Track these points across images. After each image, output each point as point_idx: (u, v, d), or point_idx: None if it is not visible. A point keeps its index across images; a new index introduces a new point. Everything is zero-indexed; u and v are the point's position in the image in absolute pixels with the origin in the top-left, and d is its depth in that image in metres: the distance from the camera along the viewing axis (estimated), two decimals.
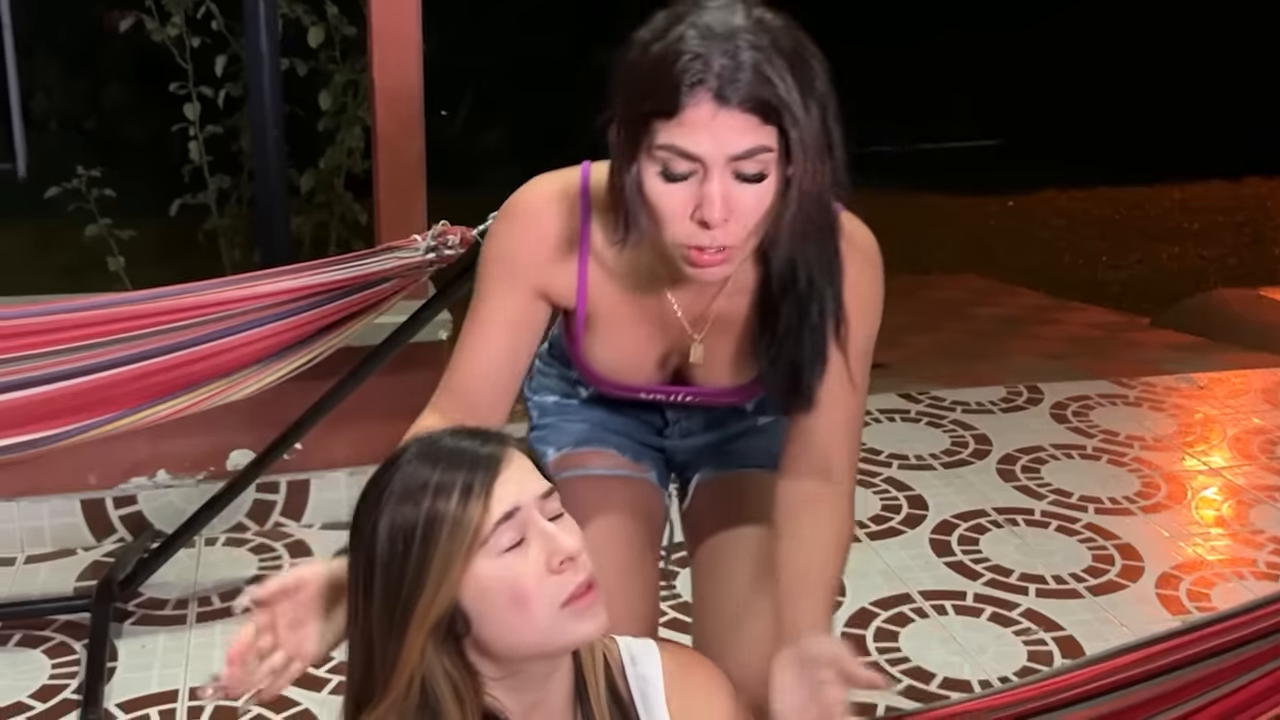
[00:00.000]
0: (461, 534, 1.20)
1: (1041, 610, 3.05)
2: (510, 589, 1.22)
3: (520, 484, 1.23)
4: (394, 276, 2.56)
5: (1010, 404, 4.44)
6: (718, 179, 1.35)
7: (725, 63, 1.31)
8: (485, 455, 1.23)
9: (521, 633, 1.24)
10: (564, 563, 1.23)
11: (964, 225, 8.21)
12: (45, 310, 2.55)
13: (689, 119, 1.33)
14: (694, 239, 1.39)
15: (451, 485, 1.20)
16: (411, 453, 1.27)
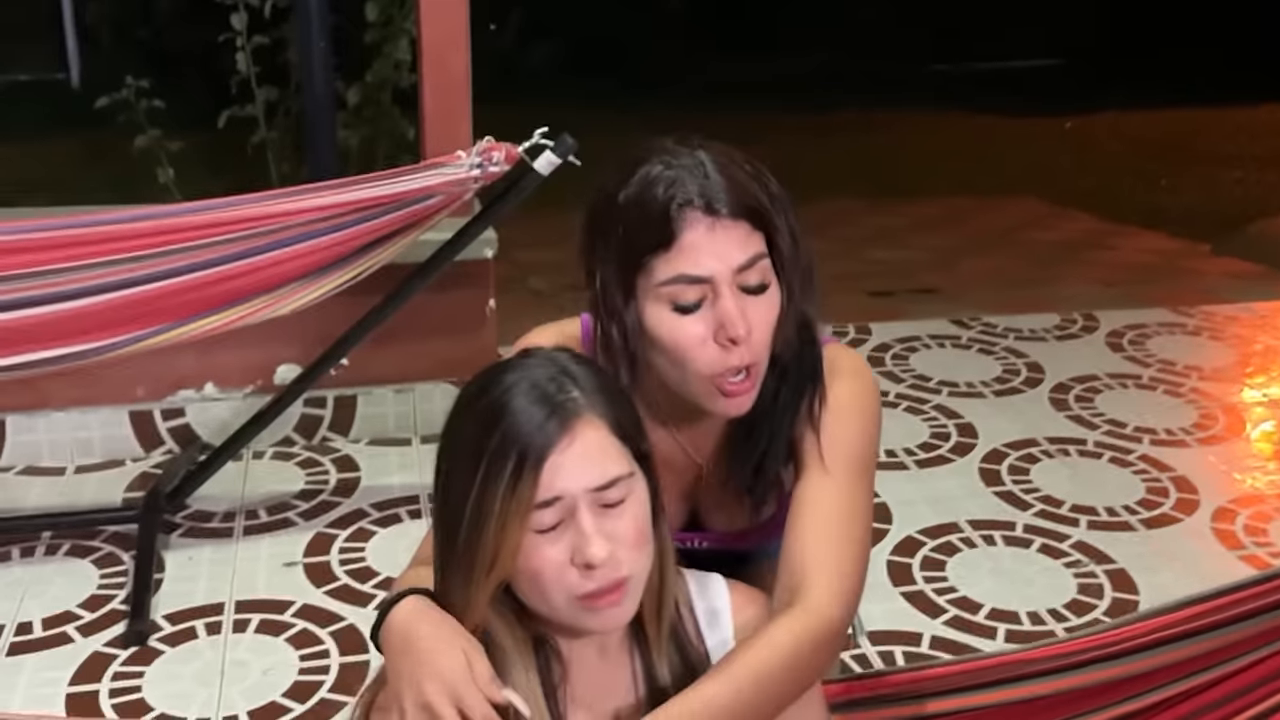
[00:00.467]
0: (511, 507, 1.17)
1: (1092, 543, 3.01)
2: (531, 570, 1.19)
3: (574, 470, 1.17)
4: (438, 193, 2.53)
5: (1064, 332, 4.36)
6: (728, 295, 1.33)
7: (701, 181, 1.32)
8: (548, 429, 1.17)
9: (539, 607, 1.23)
10: (585, 566, 1.18)
11: (1021, 147, 8.03)
12: (87, 222, 2.55)
13: (688, 242, 1.32)
14: (722, 364, 1.35)
15: (507, 454, 1.16)
16: (499, 387, 1.20)
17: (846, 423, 1.43)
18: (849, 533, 1.38)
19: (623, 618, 1.23)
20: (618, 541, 1.19)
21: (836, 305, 4.59)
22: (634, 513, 1.21)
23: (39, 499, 3.18)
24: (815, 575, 1.33)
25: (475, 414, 1.20)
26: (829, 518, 1.37)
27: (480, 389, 1.22)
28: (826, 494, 1.39)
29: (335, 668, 2.53)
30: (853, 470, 1.41)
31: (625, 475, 1.20)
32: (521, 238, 4.68)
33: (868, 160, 7.40)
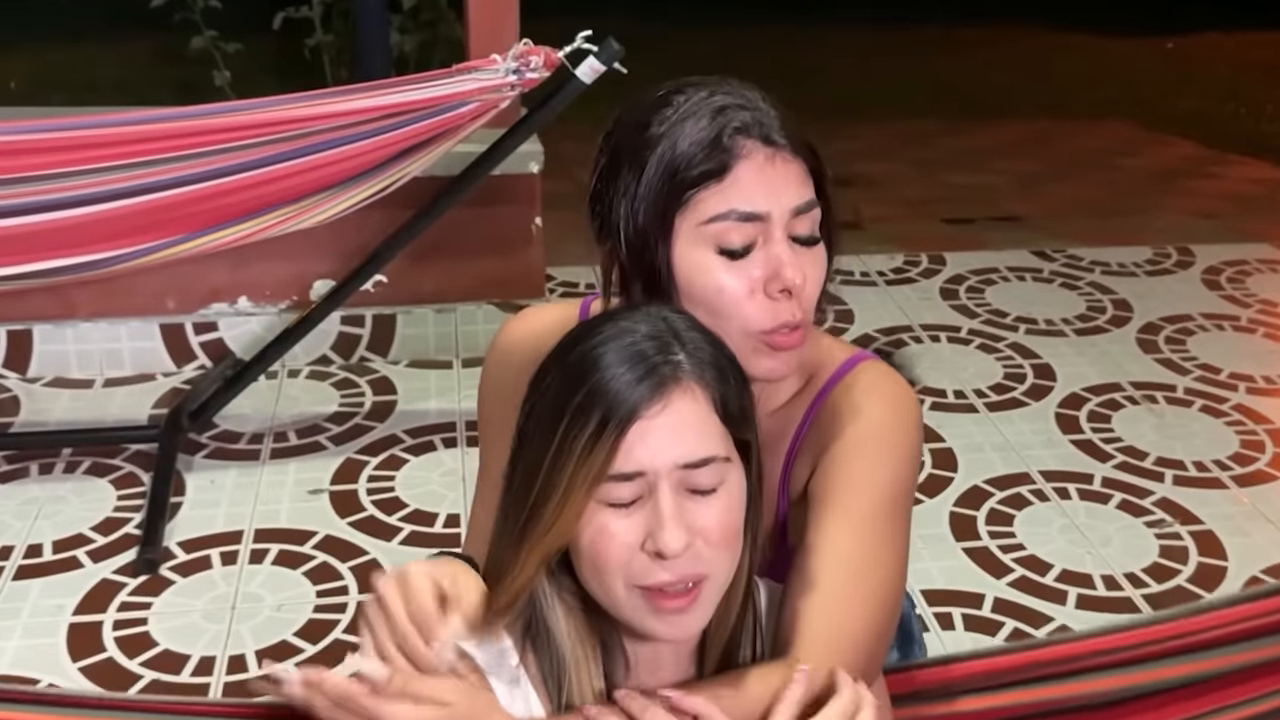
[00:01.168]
0: (582, 474, 0.99)
1: (1178, 500, 2.76)
2: (596, 548, 1.02)
3: (661, 444, 1.00)
4: (472, 100, 2.33)
5: (1156, 267, 4.06)
6: (782, 240, 1.15)
7: (756, 110, 1.16)
8: (637, 391, 0.99)
9: (598, 594, 1.05)
10: (657, 554, 1.00)
11: (1115, 68, 7.60)
12: (103, 123, 2.40)
13: (743, 173, 1.13)
14: (773, 317, 1.15)
15: (589, 414, 0.99)
16: (594, 338, 1.03)
17: (873, 459, 1.18)
18: (861, 590, 1.12)
19: (691, 627, 1.05)
20: (700, 534, 1.01)
21: (910, 232, 4.34)
22: (726, 505, 1.03)
23: (64, 413, 3.06)
24: (811, 642, 1.09)
25: (564, 366, 1.03)
26: (839, 570, 1.12)
27: (574, 338, 1.05)
28: (841, 542, 1.14)
29: (353, 605, 2.39)
30: (876, 515, 1.16)
31: (721, 458, 1.02)
32: (584, 152, 4.42)
33: (950, 80, 7.04)
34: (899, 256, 4.08)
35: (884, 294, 3.82)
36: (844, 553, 1.13)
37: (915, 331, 3.57)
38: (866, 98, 6.39)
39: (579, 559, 1.04)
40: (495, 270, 3.28)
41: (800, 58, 6.62)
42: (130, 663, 2.23)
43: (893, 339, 3.34)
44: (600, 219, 1.20)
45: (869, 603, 1.12)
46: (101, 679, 2.19)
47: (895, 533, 1.17)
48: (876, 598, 1.13)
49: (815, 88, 6.02)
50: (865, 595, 1.13)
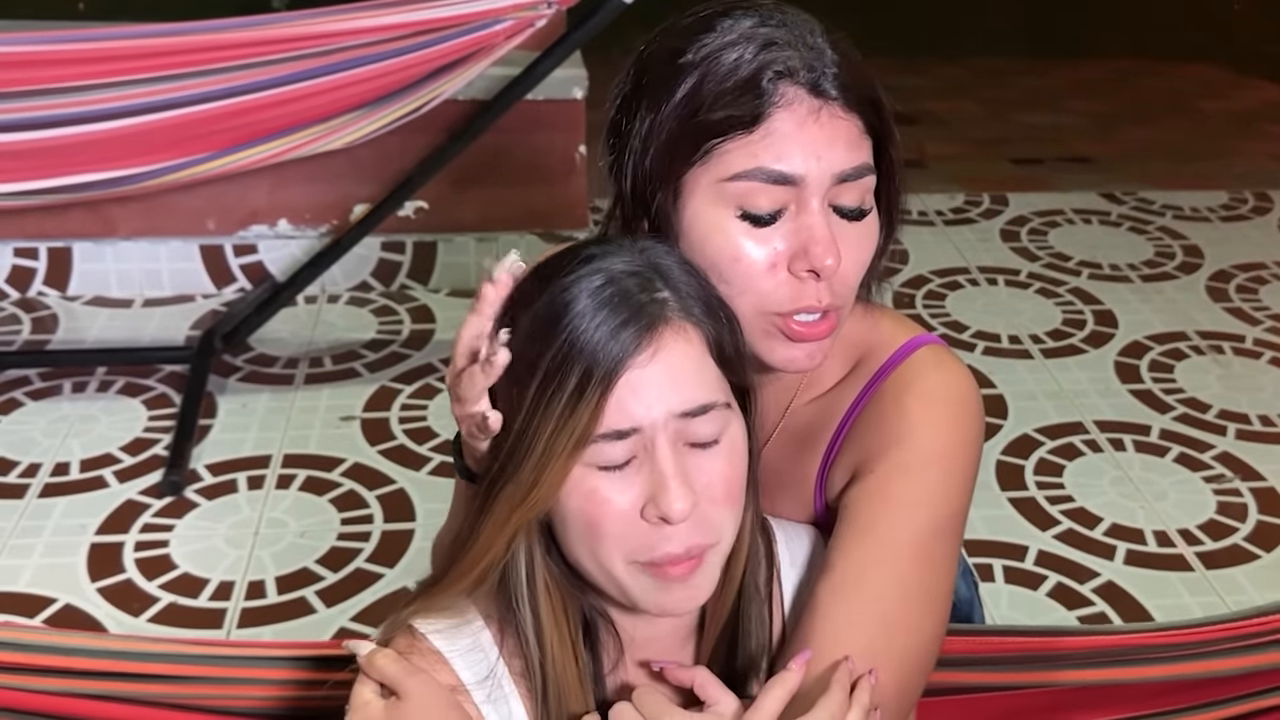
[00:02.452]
0: (564, 436, 0.88)
1: (1240, 455, 2.63)
2: (588, 518, 0.90)
3: (655, 390, 0.88)
4: (506, 17, 2.25)
5: (1232, 212, 3.88)
6: (819, 210, 0.97)
7: (808, 52, 0.96)
8: (622, 338, 0.88)
9: (588, 564, 0.93)
10: (659, 518, 0.89)
11: (1201, 6, 7.31)
12: (128, 34, 2.34)
13: (779, 126, 0.95)
14: (793, 298, 0.98)
15: (569, 367, 0.87)
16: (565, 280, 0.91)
17: (923, 481, 1.02)
18: (892, 647, 0.98)
19: (696, 599, 0.94)
20: (704, 492, 0.90)
21: (975, 172, 4.18)
22: (727, 458, 0.92)
23: (101, 332, 3.04)
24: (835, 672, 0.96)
25: (534, 313, 0.91)
26: (870, 622, 0.98)
27: (542, 276, 0.92)
28: (874, 584, 0.99)
29: (377, 535, 2.35)
30: (922, 538, 1.01)
31: (721, 404, 0.91)
32: None
33: (1029, 15, 6.81)
34: (959, 196, 3.93)
35: (941, 234, 3.68)
36: (877, 595, 0.98)
37: (972, 273, 3.45)
38: (940, 33, 6.18)
39: (566, 530, 0.92)
40: (538, 200, 3.20)
41: None
42: (149, 585, 2.21)
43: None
44: (615, 154, 1.04)
45: (900, 658, 0.98)
46: (119, 600, 2.17)
47: (940, 567, 1.02)
48: (909, 652, 0.99)
49: (884, 20, 5.85)
50: (897, 649, 0.98)
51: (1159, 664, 1.18)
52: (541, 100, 2.92)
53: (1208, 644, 1.17)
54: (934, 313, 3.20)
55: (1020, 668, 1.20)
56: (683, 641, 1.03)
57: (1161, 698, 1.22)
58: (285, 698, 1.13)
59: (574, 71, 2.99)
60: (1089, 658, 1.19)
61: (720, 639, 1.02)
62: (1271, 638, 1.19)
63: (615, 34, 2.57)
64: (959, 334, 3.10)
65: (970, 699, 1.18)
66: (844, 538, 1.02)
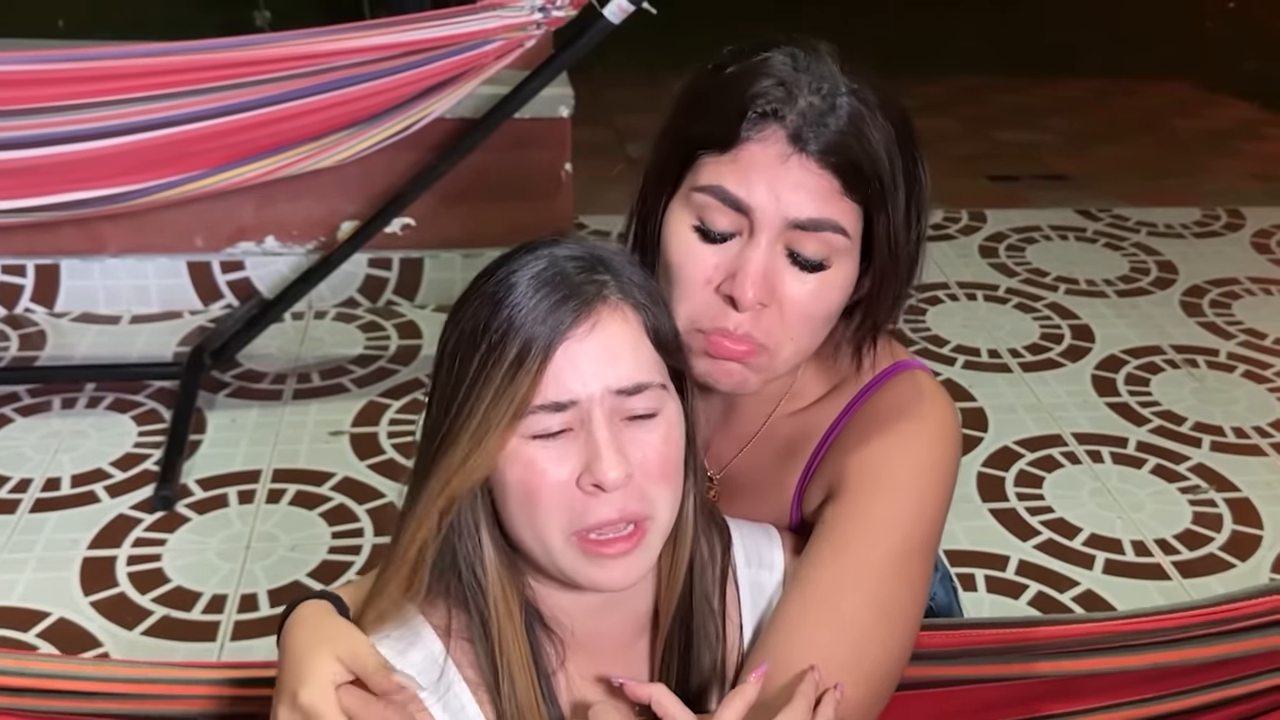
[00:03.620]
0: (503, 405, 0.91)
1: (1215, 467, 2.69)
2: (525, 487, 0.93)
3: (591, 368, 0.91)
4: (496, 38, 2.28)
5: (1205, 228, 3.95)
6: (765, 246, 1.00)
7: (814, 101, 0.99)
8: (561, 313, 0.91)
9: (527, 537, 0.95)
10: (594, 486, 0.92)
11: (1174, 25, 7.40)
12: (123, 54, 2.37)
13: (746, 156, 0.99)
14: (714, 318, 1.02)
15: (510, 339, 0.91)
16: (513, 264, 0.96)
17: (897, 502, 1.05)
18: (861, 667, 1.00)
19: (633, 572, 0.95)
20: (639, 467, 0.93)
21: (953, 189, 4.23)
22: (664, 434, 0.94)
23: (89, 348, 3.06)
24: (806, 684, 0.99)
25: (481, 294, 0.95)
26: (840, 643, 1.00)
27: (494, 265, 0.97)
28: (846, 606, 1.01)
29: (367, 548, 2.38)
30: (895, 558, 1.03)
31: (657, 384, 0.94)
32: (628, 100, 4.38)
33: (1006, 36, 6.89)
34: (939, 213, 3.99)
35: None
36: (849, 613, 1.01)
37: (951, 289, 3.50)
38: (920, 53, 6.25)
39: (506, 502, 0.94)
40: (523, 216, 3.24)
41: (852, 9, 6.51)
42: (142, 598, 2.23)
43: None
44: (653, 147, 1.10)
45: (869, 675, 1.01)
46: (112, 614, 2.19)
47: (911, 587, 1.04)
48: (878, 668, 1.02)
49: (866, 41, 5.90)
50: (866, 666, 1.01)
51: (1133, 653, 1.23)
52: (528, 119, 2.96)
53: (1179, 630, 1.21)
54: (914, 327, 3.25)
55: (993, 659, 1.23)
56: (632, 639, 1.04)
57: (1136, 686, 1.26)
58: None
59: (561, 90, 3.03)
60: (1063, 648, 1.22)
61: (673, 636, 1.03)
62: (1242, 624, 1.23)
63: (599, 54, 2.62)
64: (939, 348, 3.14)
65: (944, 692, 1.22)
66: (818, 554, 1.05)
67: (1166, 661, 1.25)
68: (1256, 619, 1.24)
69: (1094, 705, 1.28)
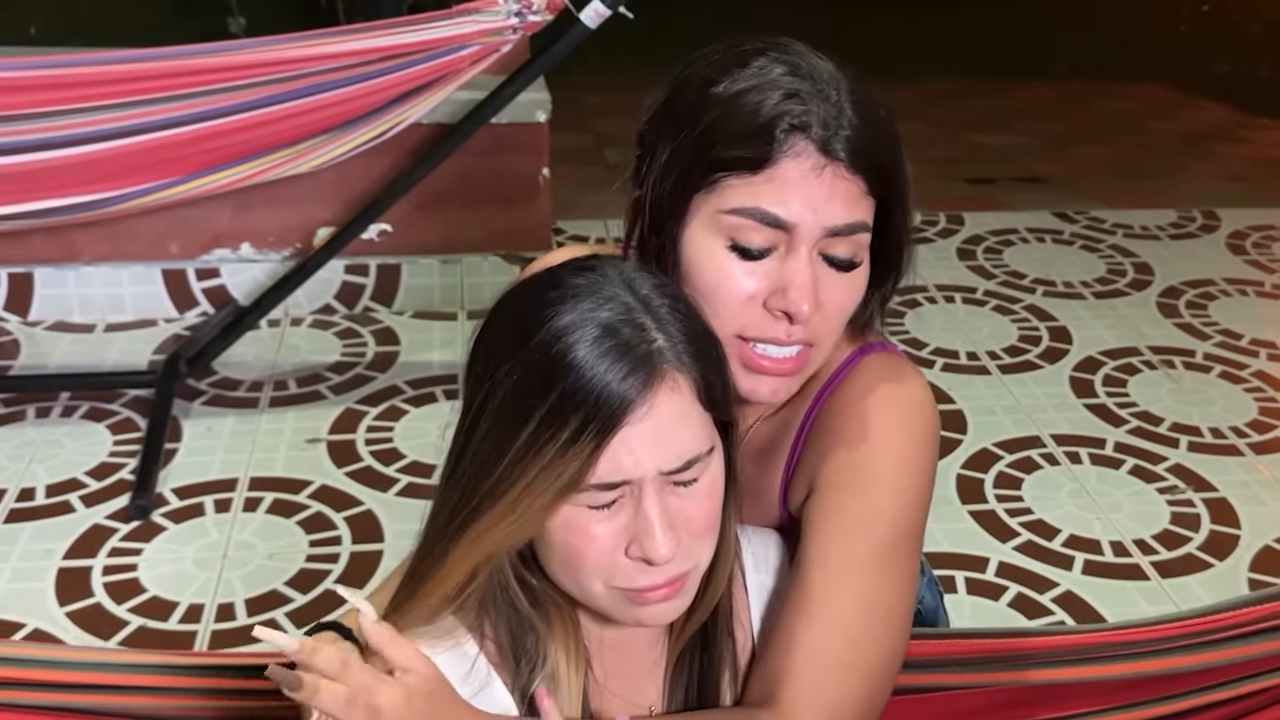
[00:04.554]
0: (553, 478, 0.90)
1: (1193, 467, 2.70)
2: (573, 549, 0.94)
3: (647, 448, 0.91)
4: (472, 43, 2.27)
5: (1181, 230, 3.97)
6: (806, 257, 1.02)
7: (829, 110, 1.01)
8: (623, 391, 0.90)
9: (571, 587, 0.97)
10: (643, 560, 0.94)
11: (1149, 28, 7.45)
12: (95, 60, 2.35)
13: (782, 174, 1.00)
14: (762, 330, 1.04)
15: (565, 418, 0.90)
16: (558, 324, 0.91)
17: (881, 491, 1.06)
18: (858, 657, 1.03)
19: (673, 613, 0.98)
20: (683, 525, 0.94)
21: (931, 192, 4.25)
22: (707, 494, 0.96)
23: (64, 357, 3.04)
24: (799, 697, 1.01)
25: (525, 354, 0.91)
26: (836, 636, 1.02)
27: (531, 318, 0.92)
28: (839, 599, 1.03)
29: (345, 556, 2.36)
30: (881, 551, 1.05)
31: (704, 454, 0.94)
32: (607, 105, 4.39)
33: (981, 38, 6.92)
34: (916, 216, 3.98)
35: None
36: (841, 613, 1.02)
37: (930, 292, 3.51)
38: (894, 57, 6.27)
39: (550, 554, 0.96)
40: (502, 222, 3.23)
41: (826, 14, 6.52)
42: (118, 608, 2.21)
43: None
44: (641, 162, 1.08)
45: (866, 672, 1.03)
46: (88, 624, 2.17)
47: (901, 579, 1.05)
48: (874, 665, 1.03)
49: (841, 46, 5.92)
50: (863, 664, 1.03)
51: (1120, 662, 1.23)
52: (506, 124, 2.95)
53: (1162, 641, 1.22)
54: (893, 330, 3.21)
55: (981, 669, 1.23)
56: (651, 642, 1.06)
57: (1118, 693, 1.26)
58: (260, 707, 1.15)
59: (538, 95, 3.03)
60: (1050, 657, 1.22)
61: (692, 641, 1.05)
62: (1224, 634, 1.23)
63: (578, 59, 2.62)
64: (918, 351, 3.15)
65: (931, 698, 1.22)
66: (806, 556, 1.06)
67: (1153, 670, 1.25)
68: (1241, 629, 1.24)
69: (1082, 710, 1.28)
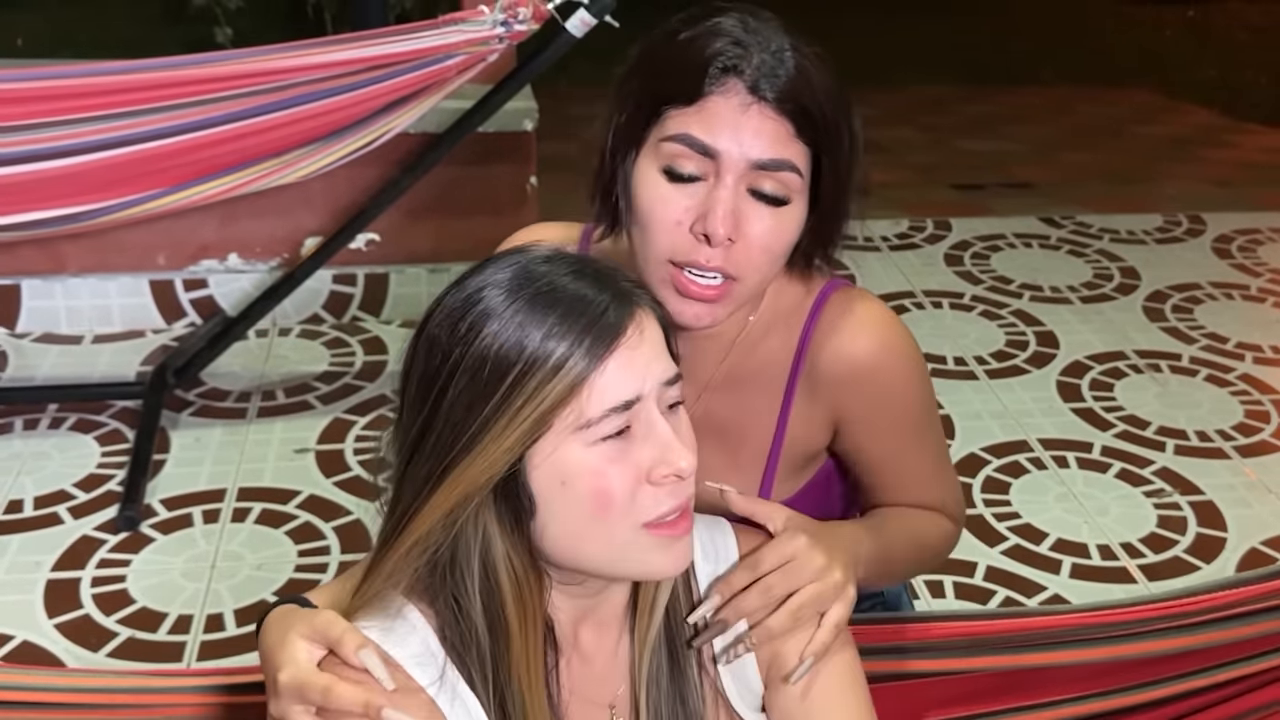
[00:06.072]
0: (560, 408, 0.91)
1: (1179, 470, 2.71)
2: (595, 487, 0.93)
3: (646, 365, 0.95)
4: (459, 52, 2.28)
5: (1166, 234, 3.99)
6: (731, 186, 1.11)
7: (766, 58, 1.12)
8: (609, 319, 0.93)
9: (589, 542, 0.96)
10: (668, 476, 0.95)
11: (1135, 35, 7.48)
12: (82, 72, 2.35)
13: (712, 107, 1.11)
14: (687, 253, 1.12)
15: (555, 348, 0.92)
16: (515, 279, 0.95)
17: (903, 390, 1.26)
18: (948, 462, 1.35)
19: (685, 559, 1.00)
20: (687, 445, 0.97)
21: (917, 197, 4.27)
22: (687, 418, 1.00)
23: (51, 369, 3.03)
24: (952, 507, 1.32)
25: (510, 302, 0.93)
26: (935, 466, 1.31)
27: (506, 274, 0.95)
28: (924, 453, 1.29)
29: (334, 566, 2.36)
30: (924, 423, 1.29)
31: (679, 374, 0.99)
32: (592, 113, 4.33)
33: (968, 45, 6.94)
34: (904, 222, 4.01)
35: (887, 259, 3.75)
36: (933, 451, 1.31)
37: (917, 297, 3.51)
38: (882, 63, 6.29)
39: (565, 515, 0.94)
40: (489, 231, 3.17)
41: (814, 19, 6.54)
42: (107, 620, 2.20)
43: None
44: (611, 110, 1.17)
45: (953, 480, 1.35)
46: (77, 636, 2.16)
47: (938, 419, 1.34)
48: (952, 476, 1.35)
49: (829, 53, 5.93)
50: (947, 475, 1.34)
51: (1091, 647, 1.24)
52: (493, 132, 2.96)
53: (1138, 624, 1.22)
54: None
55: (951, 654, 1.25)
56: (618, 634, 1.06)
57: (1095, 679, 1.27)
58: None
59: (525, 104, 3.03)
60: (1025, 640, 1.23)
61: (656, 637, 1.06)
62: (1204, 618, 1.24)
63: (564, 67, 2.62)
64: None
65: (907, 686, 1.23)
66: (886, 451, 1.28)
67: (1124, 655, 1.26)
68: (1212, 613, 1.25)
69: (1053, 699, 1.29)
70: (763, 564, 1.08)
